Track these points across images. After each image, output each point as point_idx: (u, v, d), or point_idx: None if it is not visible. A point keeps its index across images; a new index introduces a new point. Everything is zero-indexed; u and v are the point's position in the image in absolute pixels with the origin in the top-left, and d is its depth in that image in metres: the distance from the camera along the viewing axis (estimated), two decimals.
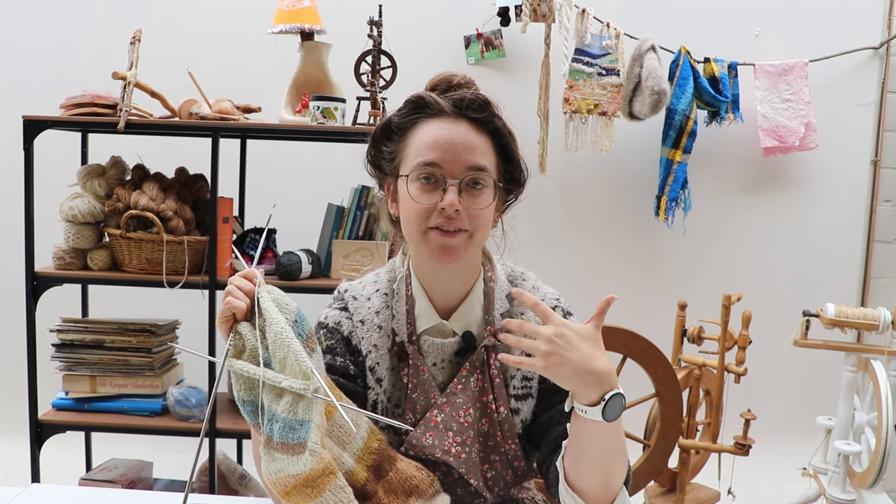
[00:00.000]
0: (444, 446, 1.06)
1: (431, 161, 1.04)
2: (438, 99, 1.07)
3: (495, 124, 1.08)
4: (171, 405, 2.14)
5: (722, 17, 2.95)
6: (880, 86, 3.00)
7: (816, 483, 2.30)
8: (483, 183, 1.06)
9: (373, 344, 1.10)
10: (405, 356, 1.11)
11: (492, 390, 1.10)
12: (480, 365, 1.10)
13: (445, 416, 1.07)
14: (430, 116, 1.07)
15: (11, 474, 2.57)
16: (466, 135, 1.05)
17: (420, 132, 1.07)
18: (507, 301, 1.15)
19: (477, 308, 1.13)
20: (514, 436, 1.10)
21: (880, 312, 2.16)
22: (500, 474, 1.11)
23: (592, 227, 3.05)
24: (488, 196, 1.07)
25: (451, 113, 1.06)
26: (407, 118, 1.09)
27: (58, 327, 2.15)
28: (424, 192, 1.05)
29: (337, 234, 2.23)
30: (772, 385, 2.96)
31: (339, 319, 1.13)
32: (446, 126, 1.06)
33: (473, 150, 1.05)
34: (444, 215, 1.03)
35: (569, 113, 2.75)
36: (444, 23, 2.88)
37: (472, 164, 1.05)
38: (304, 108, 2.17)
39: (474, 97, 1.06)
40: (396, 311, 1.12)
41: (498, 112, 1.08)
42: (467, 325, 1.12)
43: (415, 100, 1.08)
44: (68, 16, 2.88)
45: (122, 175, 2.20)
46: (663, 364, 2.01)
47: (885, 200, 3.06)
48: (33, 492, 1.14)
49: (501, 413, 1.10)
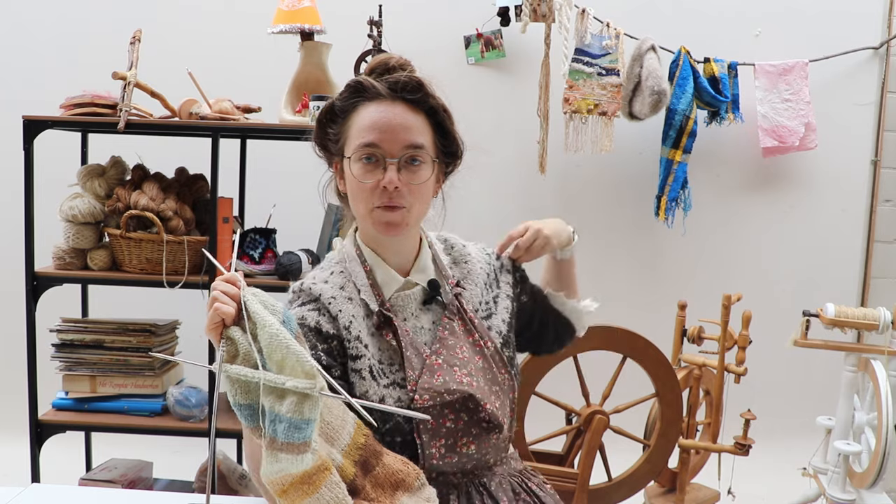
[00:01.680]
0: (456, 379, 1.13)
1: (371, 142, 1.12)
2: (375, 83, 1.14)
3: (430, 103, 1.15)
4: (171, 405, 2.14)
5: (722, 18, 2.95)
6: (880, 86, 3.00)
7: (816, 483, 2.30)
8: (421, 160, 1.14)
9: (351, 315, 1.15)
10: (386, 322, 1.16)
11: (475, 330, 1.21)
12: (457, 311, 1.21)
13: (444, 357, 1.15)
14: (368, 100, 1.14)
15: (11, 474, 2.57)
16: (403, 115, 1.13)
17: (360, 115, 1.14)
18: (447, 254, 1.30)
19: (429, 263, 1.24)
20: (506, 366, 1.21)
21: (880, 312, 2.16)
22: (504, 404, 1.19)
23: (592, 228, 3.04)
24: (426, 171, 1.15)
25: (388, 95, 1.14)
26: (348, 101, 1.16)
27: (58, 327, 2.15)
28: (366, 172, 1.13)
29: (337, 234, 2.23)
30: (772, 385, 2.95)
31: (301, 314, 1.15)
32: (384, 108, 1.13)
33: (410, 130, 1.13)
34: (386, 193, 1.12)
35: (569, 113, 2.75)
36: (444, 23, 2.88)
37: (410, 143, 1.13)
38: (304, 108, 2.17)
39: (408, 79, 1.13)
40: (360, 285, 1.18)
41: (431, 91, 1.15)
42: (427, 277, 1.23)
43: (353, 84, 1.16)
44: (68, 16, 2.88)
45: (122, 175, 2.20)
46: (663, 364, 2.01)
47: (885, 200, 3.06)
48: (33, 492, 1.15)
49: (489, 347, 1.21)
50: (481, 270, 1.29)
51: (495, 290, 1.30)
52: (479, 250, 1.34)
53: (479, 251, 1.34)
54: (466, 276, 1.27)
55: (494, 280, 1.31)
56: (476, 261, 1.30)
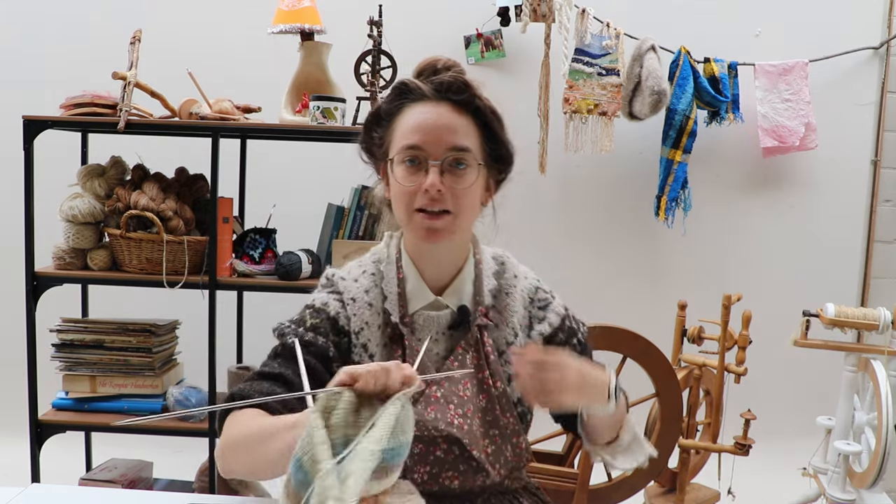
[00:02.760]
0: (447, 418, 1.08)
1: (414, 144, 1.08)
2: (420, 84, 1.10)
3: (476, 105, 1.10)
4: (171, 405, 2.14)
5: (722, 17, 2.95)
6: (880, 86, 3.00)
7: (816, 483, 2.30)
8: (465, 163, 1.09)
9: (364, 321, 1.13)
10: (399, 337, 1.12)
11: (487, 366, 1.14)
12: (475, 343, 1.14)
13: (445, 390, 1.10)
14: (413, 101, 1.11)
15: (11, 474, 2.57)
16: (447, 116, 1.09)
17: (404, 117, 1.11)
18: (495, 279, 1.20)
19: (468, 285, 1.18)
20: (511, 409, 1.14)
21: (880, 312, 2.16)
22: (500, 449, 1.13)
23: (592, 228, 3.05)
24: (471, 176, 1.09)
25: (433, 96, 1.10)
26: (393, 104, 1.13)
27: (58, 327, 2.15)
28: (409, 174, 1.09)
29: (337, 234, 2.23)
30: (772, 385, 2.95)
31: (326, 300, 1.15)
32: (428, 109, 1.09)
33: (455, 132, 1.08)
34: (428, 196, 1.07)
35: (569, 113, 2.75)
36: (444, 23, 2.88)
37: (453, 145, 1.08)
38: (304, 108, 2.17)
39: (453, 79, 1.09)
40: (388, 292, 1.15)
41: (478, 92, 1.10)
42: (460, 300, 1.16)
43: (398, 86, 1.12)
44: (68, 16, 2.88)
45: (122, 175, 2.20)
46: (663, 364, 2.01)
47: (885, 200, 3.06)
48: (33, 492, 1.14)
49: (498, 388, 1.13)
50: (518, 312, 1.19)
51: (526, 337, 1.20)
52: (528, 285, 1.23)
53: (527, 286, 1.23)
54: (503, 310, 1.18)
55: (528, 326, 1.21)
56: (518, 298, 1.20)
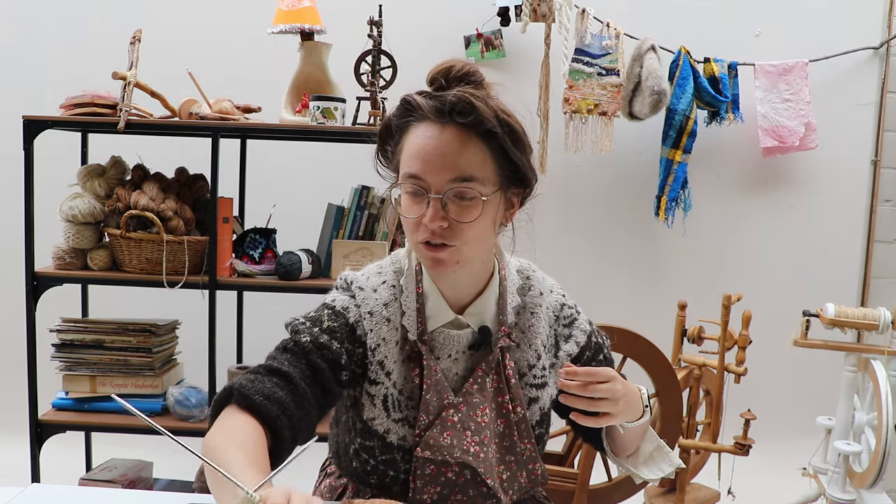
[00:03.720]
0: (463, 446, 1.04)
1: (414, 174, 1.00)
2: (422, 103, 1.01)
3: (486, 127, 0.99)
4: (171, 405, 2.14)
5: (722, 17, 2.94)
6: (880, 86, 3.00)
7: (816, 483, 2.30)
8: (470, 195, 1.00)
9: (381, 338, 1.07)
10: (417, 356, 1.08)
11: (508, 391, 1.09)
12: (496, 366, 1.09)
13: (462, 415, 1.06)
14: (418, 120, 1.02)
15: (11, 474, 2.57)
16: (450, 143, 0.99)
17: (410, 138, 1.03)
18: (518, 296, 1.14)
19: (492, 304, 1.12)
20: (530, 436, 1.10)
21: (880, 312, 2.16)
22: (514, 476, 1.10)
23: (592, 228, 3.04)
24: (476, 209, 1.00)
25: (436, 118, 1.00)
26: (401, 120, 1.05)
27: (58, 327, 2.15)
28: (411, 205, 1.02)
29: (337, 234, 2.23)
30: (772, 385, 2.95)
31: (347, 305, 1.09)
32: (431, 134, 1.00)
33: (456, 163, 0.99)
34: (428, 230, 1.00)
35: (569, 113, 2.75)
36: (444, 23, 2.88)
37: (455, 177, 0.99)
38: (304, 108, 2.17)
39: (457, 100, 0.97)
40: (406, 307, 1.09)
41: (488, 114, 0.99)
42: (482, 320, 1.11)
43: (403, 102, 1.04)
44: (68, 16, 2.88)
45: (122, 175, 2.20)
46: (663, 364, 2.01)
47: (886, 200, 3.06)
48: (33, 492, 1.14)
49: (518, 413, 1.09)
50: (543, 331, 1.14)
51: (552, 357, 1.15)
52: (554, 302, 1.18)
53: (552, 303, 1.17)
54: (526, 330, 1.13)
55: (553, 345, 1.16)
56: (543, 316, 1.14)
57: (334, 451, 1.20)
